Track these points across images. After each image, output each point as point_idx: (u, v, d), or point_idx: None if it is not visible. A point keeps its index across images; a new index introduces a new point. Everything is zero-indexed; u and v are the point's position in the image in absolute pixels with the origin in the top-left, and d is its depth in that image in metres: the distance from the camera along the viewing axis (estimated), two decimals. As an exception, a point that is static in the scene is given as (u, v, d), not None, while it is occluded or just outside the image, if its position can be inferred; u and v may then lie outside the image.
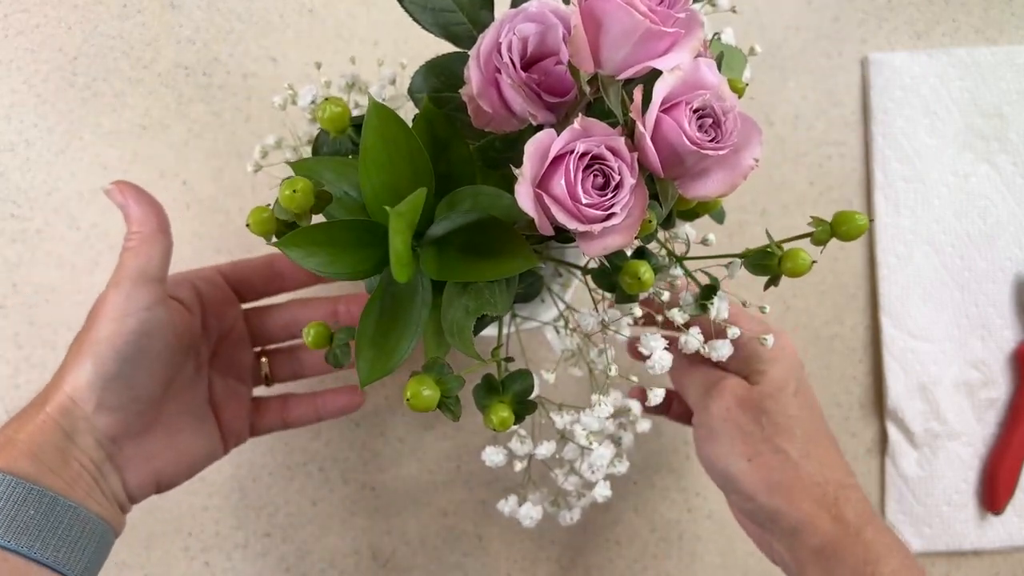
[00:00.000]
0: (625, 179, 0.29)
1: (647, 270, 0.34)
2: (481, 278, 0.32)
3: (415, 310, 0.33)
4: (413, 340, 0.33)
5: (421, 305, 0.33)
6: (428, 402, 0.31)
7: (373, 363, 0.32)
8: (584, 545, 0.63)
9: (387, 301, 0.33)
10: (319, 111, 0.35)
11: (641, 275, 0.33)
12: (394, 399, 0.63)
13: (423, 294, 0.33)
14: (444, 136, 0.34)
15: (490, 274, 0.32)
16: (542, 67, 0.31)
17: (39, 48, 0.63)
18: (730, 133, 0.29)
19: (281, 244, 0.30)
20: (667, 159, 0.29)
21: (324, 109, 0.35)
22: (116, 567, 0.62)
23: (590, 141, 0.29)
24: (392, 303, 0.33)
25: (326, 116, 0.35)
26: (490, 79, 0.31)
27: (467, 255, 0.32)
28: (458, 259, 0.32)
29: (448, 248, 0.33)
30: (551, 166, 0.29)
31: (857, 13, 0.65)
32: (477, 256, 0.32)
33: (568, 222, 0.29)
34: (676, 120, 0.28)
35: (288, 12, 0.63)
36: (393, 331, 0.33)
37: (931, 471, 0.63)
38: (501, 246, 0.32)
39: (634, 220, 0.30)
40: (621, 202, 0.29)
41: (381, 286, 0.33)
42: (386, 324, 0.33)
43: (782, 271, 0.35)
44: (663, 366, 0.38)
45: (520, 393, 0.34)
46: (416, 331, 0.33)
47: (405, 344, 0.33)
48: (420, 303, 0.33)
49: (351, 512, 0.63)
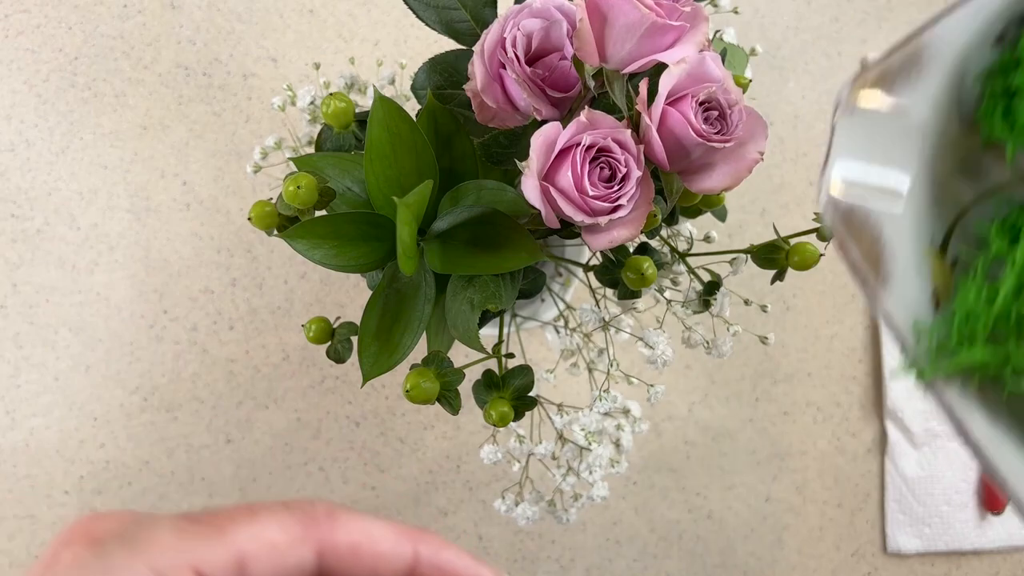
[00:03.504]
0: (632, 171, 0.29)
1: (650, 266, 0.34)
2: (487, 271, 0.32)
3: (419, 305, 0.33)
4: (417, 335, 0.33)
5: (425, 301, 0.33)
6: (428, 394, 0.31)
7: (377, 359, 0.32)
8: (584, 545, 0.63)
9: (390, 296, 0.33)
10: (323, 106, 0.35)
11: (644, 271, 0.33)
12: (394, 399, 0.63)
13: (426, 289, 0.33)
14: (447, 131, 0.34)
15: (496, 267, 0.32)
16: (546, 63, 0.31)
17: (40, 48, 0.63)
18: (736, 126, 0.29)
19: (286, 236, 0.30)
20: (673, 152, 0.29)
21: (328, 104, 0.35)
22: (115, 568, 0.62)
23: (596, 133, 0.29)
24: (396, 299, 0.33)
25: (330, 111, 0.35)
26: (494, 75, 0.31)
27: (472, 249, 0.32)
28: (463, 253, 0.32)
29: (452, 242, 0.33)
30: (557, 159, 0.29)
31: (857, 13, 0.65)
32: (482, 250, 0.32)
33: (575, 214, 0.29)
34: (682, 113, 0.28)
35: (288, 13, 0.63)
36: (397, 326, 0.33)
37: (931, 471, 0.63)
38: (506, 240, 0.32)
39: (640, 213, 0.30)
40: (628, 194, 0.29)
41: (384, 282, 0.33)
42: (389, 319, 0.33)
43: (790, 264, 0.35)
44: (665, 361, 0.38)
45: (520, 389, 0.34)
46: (420, 326, 0.33)
47: (409, 339, 0.33)
48: (424, 298, 0.33)
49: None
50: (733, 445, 0.63)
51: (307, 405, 0.63)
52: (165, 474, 0.62)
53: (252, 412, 0.62)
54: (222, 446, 0.62)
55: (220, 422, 0.62)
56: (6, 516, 0.61)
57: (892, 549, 0.63)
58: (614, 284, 0.36)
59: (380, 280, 0.33)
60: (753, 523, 0.64)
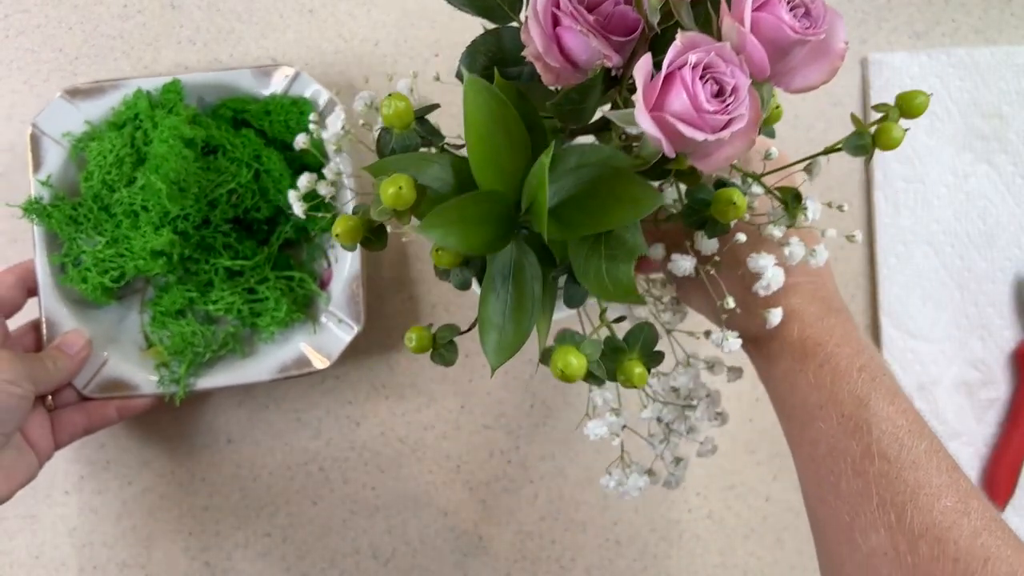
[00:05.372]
0: (740, 82, 0.30)
1: (740, 195, 0.35)
2: (615, 225, 0.33)
3: (527, 286, 0.35)
4: (534, 315, 0.34)
5: (532, 280, 0.35)
6: (578, 370, 0.32)
7: (499, 346, 0.34)
8: (584, 545, 0.64)
9: (499, 285, 0.35)
10: (383, 107, 0.35)
11: (735, 200, 0.34)
12: (394, 399, 0.63)
13: (531, 270, 0.35)
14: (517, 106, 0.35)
15: (622, 219, 0.32)
16: (602, 11, 0.32)
17: (40, 48, 0.63)
18: (821, 18, 0.30)
19: (423, 228, 0.30)
20: (771, 55, 0.30)
21: (388, 105, 0.35)
22: (117, 567, 0.62)
23: (699, 51, 0.29)
24: (505, 285, 0.35)
25: (392, 112, 0.35)
26: (551, 35, 0.32)
27: (588, 210, 0.33)
28: (581, 214, 0.33)
29: (564, 209, 0.34)
30: (664, 86, 0.30)
31: (857, 13, 0.65)
32: (598, 208, 0.33)
33: (696, 135, 0.29)
34: (773, 14, 0.29)
35: (288, 12, 0.63)
36: (515, 311, 0.34)
37: (931, 471, 0.63)
38: (622, 192, 0.32)
39: (750, 124, 0.30)
40: (741, 104, 0.30)
41: (489, 273, 0.35)
42: (501, 306, 0.35)
43: (878, 146, 0.35)
44: (779, 283, 0.38)
45: (646, 346, 0.35)
46: (535, 305, 0.34)
47: (527, 321, 0.34)
48: (531, 278, 0.35)
49: (351, 512, 0.63)
50: (733, 445, 0.63)
51: (307, 405, 0.63)
52: (165, 474, 0.62)
53: (252, 412, 0.62)
54: (222, 446, 0.62)
55: (220, 422, 0.62)
56: (7, 516, 0.61)
57: (892, 549, 0.63)
58: (702, 224, 0.37)
59: (488, 269, 0.35)
60: (753, 523, 0.64)
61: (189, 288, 0.57)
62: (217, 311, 0.57)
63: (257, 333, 0.59)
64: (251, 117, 0.57)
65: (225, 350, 0.58)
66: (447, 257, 0.37)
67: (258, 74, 0.58)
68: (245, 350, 0.59)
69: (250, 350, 0.59)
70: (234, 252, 0.57)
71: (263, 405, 0.63)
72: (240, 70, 0.58)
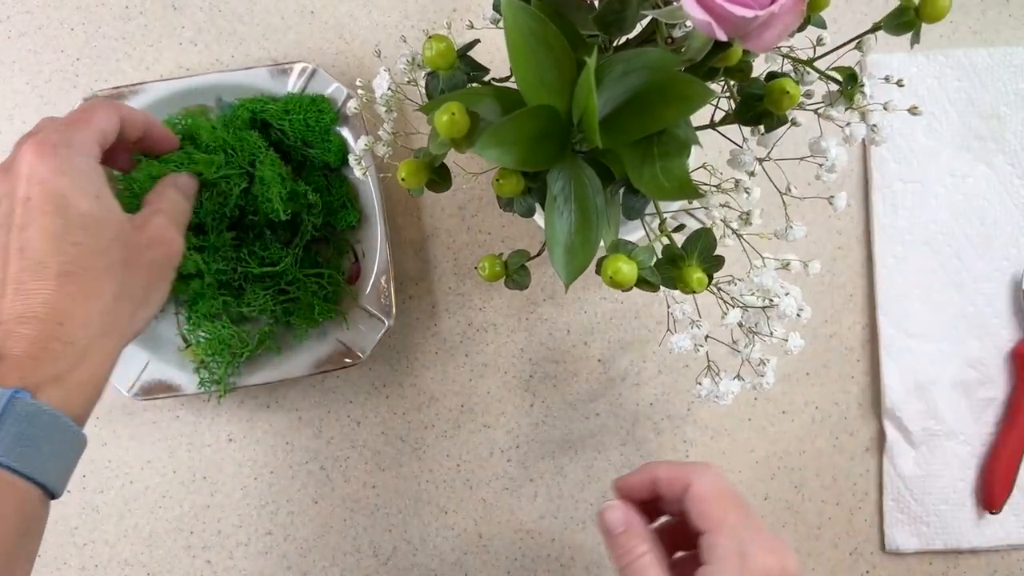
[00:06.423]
0: None
1: (792, 84, 0.35)
2: (667, 123, 0.33)
3: (589, 201, 0.35)
4: (599, 229, 0.35)
5: (594, 195, 0.35)
6: (628, 276, 0.32)
7: (569, 263, 0.35)
8: (584, 544, 0.64)
9: (562, 204, 0.35)
10: (425, 50, 0.36)
11: (788, 89, 0.35)
12: (395, 398, 0.63)
13: (592, 184, 0.35)
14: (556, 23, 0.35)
15: (672, 116, 0.32)
16: None
17: (42, 49, 0.63)
18: None
19: (480, 147, 0.30)
20: None
21: (430, 47, 0.35)
22: (119, 565, 0.62)
23: None
24: (568, 204, 0.35)
25: (434, 53, 0.35)
26: None
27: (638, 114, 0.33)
28: (632, 120, 0.33)
29: (616, 119, 0.34)
30: None
31: (856, 14, 0.65)
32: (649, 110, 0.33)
33: (745, 12, 0.29)
34: None
35: (289, 14, 0.63)
36: (580, 227, 0.35)
37: (929, 470, 0.63)
38: (671, 91, 0.32)
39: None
40: None
41: (551, 195, 0.35)
42: (567, 225, 0.35)
43: (923, 19, 0.35)
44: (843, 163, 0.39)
45: (704, 252, 0.35)
46: (599, 218, 0.35)
47: (594, 234, 0.35)
48: (592, 193, 0.35)
49: (352, 510, 0.63)
50: (732, 444, 0.64)
51: (308, 404, 0.63)
52: (167, 473, 0.63)
53: (254, 411, 0.63)
54: (224, 445, 0.63)
55: (222, 421, 0.63)
56: (10, 514, 0.61)
57: (890, 547, 0.63)
58: (758, 119, 0.37)
59: (549, 192, 0.35)
60: (751, 522, 0.64)
61: (223, 292, 0.57)
62: (251, 312, 0.57)
63: (291, 330, 0.59)
64: (270, 117, 0.56)
65: (262, 348, 0.59)
66: (509, 184, 0.36)
67: (275, 72, 0.58)
68: (280, 347, 0.59)
69: (285, 346, 0.60)
70: (260, 259, 0.56)
71: (264, 404, 0.63)
72: (256, 69, 0.58)
